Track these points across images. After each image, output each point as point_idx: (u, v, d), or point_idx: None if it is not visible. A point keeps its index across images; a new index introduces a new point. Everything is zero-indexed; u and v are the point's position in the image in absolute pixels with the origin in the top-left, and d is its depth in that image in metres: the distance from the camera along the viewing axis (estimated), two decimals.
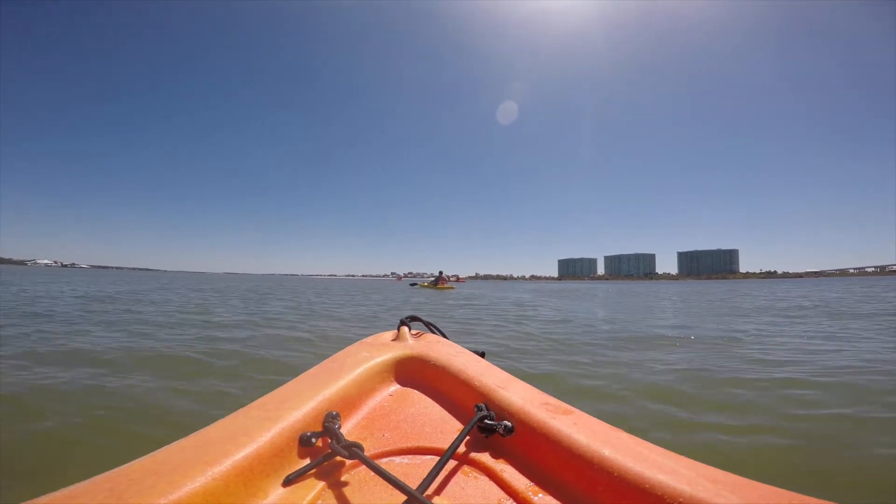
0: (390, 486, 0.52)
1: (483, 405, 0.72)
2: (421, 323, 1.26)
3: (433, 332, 1.27)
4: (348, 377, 0.81)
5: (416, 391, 0.89)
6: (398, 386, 0.91)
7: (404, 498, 0.49)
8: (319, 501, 0.56)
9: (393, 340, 1.12)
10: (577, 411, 0.70)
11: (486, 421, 0.68)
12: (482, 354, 1.07)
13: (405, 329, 1.16)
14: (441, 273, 24.68)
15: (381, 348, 1.00)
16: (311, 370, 0.89)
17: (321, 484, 0.58)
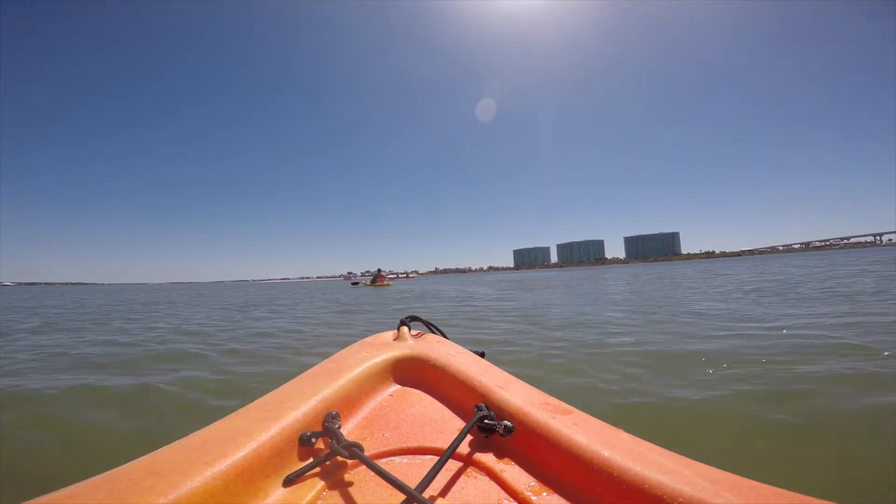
0: (390, 486, 0.52)
1: (483, 405, 0.72)
2: (421, 323, 1.25)
3: (433, 332, 1.27)
4: (348, 377, 0.81)
5: (416, 391, 0.89)
6: (398, 386, 0.91)
7: (404, 497, 0.49)
8: (319, 501, 0.56)
9: (393, 340, 1.12)
10: (576, 411, 0.70)
11: (486, 421, 0.68)
12: (482, 354, 1.07)
13: (405, 329, 1.16)
14: (379, 270, 25.20)
15: (381, 348, 1.00)
16: (311, 370, 0.88)
17: (321, 484, 0.58)
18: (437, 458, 0.59)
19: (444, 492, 0.58)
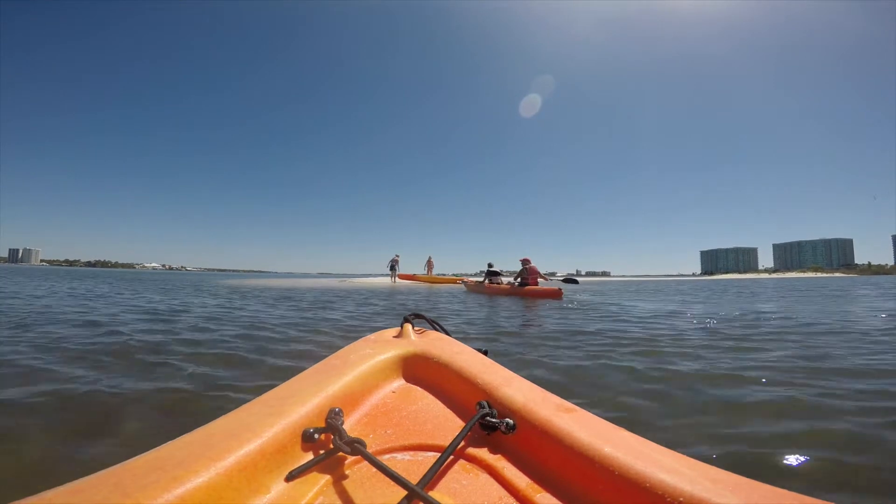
0: (392, 482, 0.53)
1: (485, 402, 0.72)
2: (424, 320, 1.26)
3: (436, 330, 1.28)
4: (351, 374, 0.82)
5: (418, 388, 0.89)
6: (401, 383, 0.92)
7: (406, 493, 0.49)
8: (322, 497, 0.57)
9: (396, 337, 1.12)
10: (579, 409, 0.70)
11: (488, 418, 0.69)
12: (485, 352, 1.06)
13: (408, 326, 1.16)
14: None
15: (385, 345, 1.00)
16: (315, 366, 0.90)
17: (324, 479, 0.59)
18: (438, 455, 0.59)
19: (445, 488, 0.59)
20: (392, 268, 18.40)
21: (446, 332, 1.26)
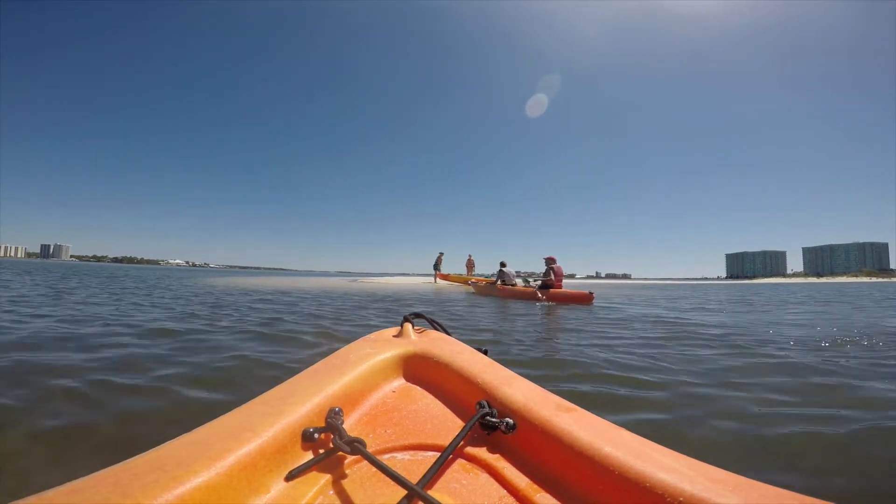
0: (392, 482, 0.53)
1: (485, 402, 0.72)
2: (424, 320, 1.26)
3: (436, 329, 1.28)
4: (351, 373, 0.82)
5: (418, 388, 0.90)
6: (401, 382, 0.92)
7: (405, 493, 0.49)
8: (322, 496, 0.57)
9: (396, 337, 1.12)
10: (579, 409, 0.70)
11: (488, 418, 0.69)
12: (485, 352, 1.06)
13: (408, 326, 1.17)
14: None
15: (385, 345, 1.00)
16: (315, 366, 0.90)
17: (323, 479, 0.59)
18: (438, 455, 0.59)
19: (445, 488, 0.59)
20: (435, 266, 16.64)
21: (446, 332, 1.26)
